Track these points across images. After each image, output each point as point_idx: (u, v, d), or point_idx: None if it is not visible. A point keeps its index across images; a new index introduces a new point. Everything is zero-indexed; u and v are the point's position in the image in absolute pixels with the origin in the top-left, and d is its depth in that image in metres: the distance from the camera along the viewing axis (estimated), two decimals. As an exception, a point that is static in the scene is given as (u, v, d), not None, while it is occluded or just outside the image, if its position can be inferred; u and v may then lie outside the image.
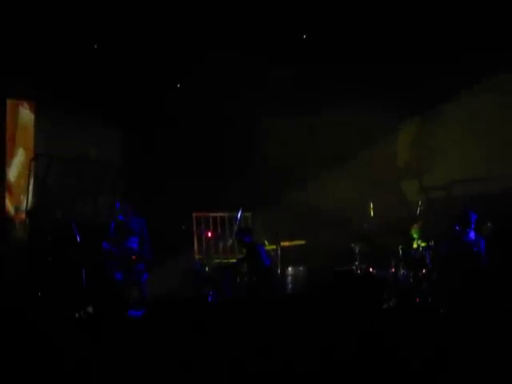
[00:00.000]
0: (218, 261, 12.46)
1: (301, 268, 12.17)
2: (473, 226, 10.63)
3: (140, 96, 12.81)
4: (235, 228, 12.25)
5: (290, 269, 12.10)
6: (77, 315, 9.51)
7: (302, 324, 7.73)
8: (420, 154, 12.91)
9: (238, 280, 11.04)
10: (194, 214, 13.28)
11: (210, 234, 12.87)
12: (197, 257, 13.01)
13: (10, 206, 12.40)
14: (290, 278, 12.03)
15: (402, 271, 11.08)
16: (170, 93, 13.14)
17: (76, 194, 12.23)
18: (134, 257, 11.02)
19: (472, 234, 10.59)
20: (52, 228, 11.52)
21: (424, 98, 12.49)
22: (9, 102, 12.23)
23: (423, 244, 11.18)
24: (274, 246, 12.25)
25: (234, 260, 12.05)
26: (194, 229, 13.24)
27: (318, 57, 12.37)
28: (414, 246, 11.29)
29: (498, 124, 12.33)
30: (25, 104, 12.49)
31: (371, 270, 11.43)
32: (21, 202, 12.42)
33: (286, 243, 12.56)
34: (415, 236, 11.33)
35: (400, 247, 11.25)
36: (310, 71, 12.57)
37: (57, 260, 10.96)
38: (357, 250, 11.59)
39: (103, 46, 12.42)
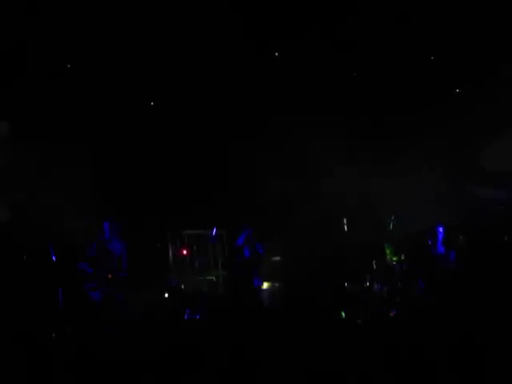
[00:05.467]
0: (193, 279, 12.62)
1: (276, 284, 12.32)
2: (441, 240, 11.06)
3: (109, 114, 12.76)
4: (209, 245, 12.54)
5: (265, 284, 12.19)
6: (53, 335, 9.46)
7: (279, 338, 7.85)
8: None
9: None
10: (168, 233, 13.33)
11: (185, 252, 13.01)
12: (172, 275, 12.97)
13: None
14: (265, 293, 12.14)
15: (376, 285, 11.38)
16: (142, 111, 13.13)
17: (52, 214, 11.95)
18: (109, 275, 11.17)
19: (441, 248, 10.98)
20: (27, 248, 11.61)
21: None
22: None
23: (395, 258, 11.53)
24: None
25: (212, 277, 12.34)
26: (170, 247, 13.27)
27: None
28: (388, 259, 11.64)
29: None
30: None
31: (346, 284, 11.61)
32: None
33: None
34: (387, 251, 11.67)
35: (374, 261, 11.65)
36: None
37: (32, 280, 11.06)
38: (332, 264, 11.86)
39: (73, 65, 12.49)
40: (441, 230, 11.25)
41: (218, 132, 13.13)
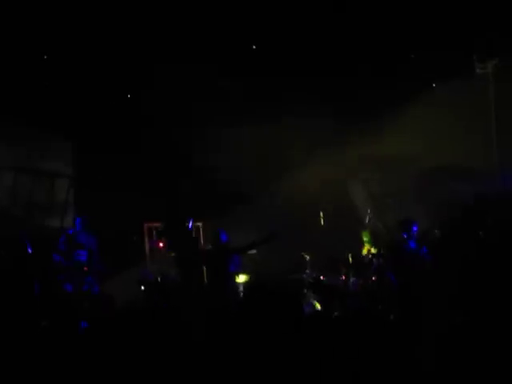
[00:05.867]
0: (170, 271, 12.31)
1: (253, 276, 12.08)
2: (413, 235, 10.95)
3: (90, 107, 12.82)
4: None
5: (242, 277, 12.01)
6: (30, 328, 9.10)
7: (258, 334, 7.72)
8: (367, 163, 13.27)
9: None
10: (145, 225, 13.49)
11: (161, 245, 13.06)
12: (149, 268, 13.08)
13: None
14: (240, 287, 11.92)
15: (352, 279, 11.46)
16: (121, 103, 13.22)
17: (27, 207, 12.30)
18: (85, 268, 11.13)
19: (412, 243, 10.88)
20: (3, 241, 11.49)
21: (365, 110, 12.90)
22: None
23: (373, 250, 11.57)
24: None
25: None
26: (146, 240, 13.44)
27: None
28: (364, 251, 11.70)
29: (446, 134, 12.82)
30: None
31: (322, 277, 11.67)
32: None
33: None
34: (365, 239, 11.70)
35: (350, 254, 11.62)
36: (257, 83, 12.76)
37: (9, 273, 10.91)
38: (307, 258, 11.89)
39: (52, 55, 12.44)
40: (415, 224, 11.11)
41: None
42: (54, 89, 12.64)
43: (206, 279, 11.36)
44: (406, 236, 11.01)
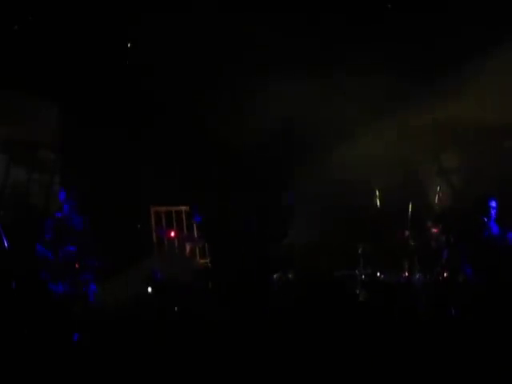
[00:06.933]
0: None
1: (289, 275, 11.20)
2: (494, 216, 10.12)
3: (80, 62, 11.56)
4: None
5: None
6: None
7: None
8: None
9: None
10: (152, 209, 12.52)
11: (173, 234, 12.14)
12: (156, 263, 11.84)
13: None
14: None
15: (417, 275, 10.60)
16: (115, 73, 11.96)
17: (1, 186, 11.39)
18: (76, 264, 10.27)
19: (495, 227, 10.10)
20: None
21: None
22: None
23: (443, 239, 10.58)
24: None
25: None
26: (153, 228, 12.43)
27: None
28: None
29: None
30: None
31: (378, 274, 10.89)
32: None
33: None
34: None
35: (413, 244, 10.72)
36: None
37: None
38: (360, 249, 10.97)
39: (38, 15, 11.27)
40: (494, 204, 10.24)
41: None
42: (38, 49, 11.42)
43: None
44: (486, 219, 10.11)
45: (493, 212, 10.25)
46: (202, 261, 12.16)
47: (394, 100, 11.59)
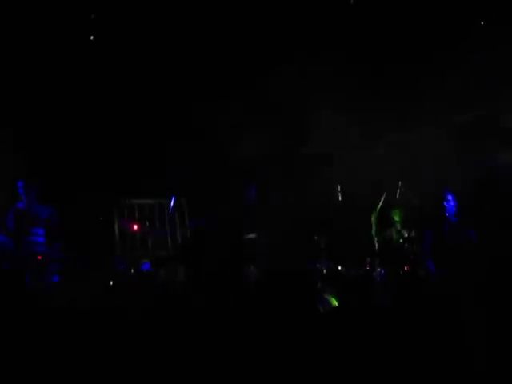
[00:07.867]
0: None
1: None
2: (454, 210, 10.22)
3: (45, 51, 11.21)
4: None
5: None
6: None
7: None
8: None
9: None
10: (115, 202, 12.26)
11: (135, 227, 12.04)
12: (119, 256, 11.88)
13: None
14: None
15: (378, 269, 10.49)
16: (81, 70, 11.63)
17: None
18: (39, 257, 10.00)
19: (455, 221, 10.19)
20: None
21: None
22: None
23: (404, 233, 10.72)
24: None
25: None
26: (116, 220, 12.23)
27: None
28: (394, 235, 10.78)
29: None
30: None
31: (339, 268, 10.76)
32: None
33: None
34: (396, 219, 10.82)
35: (376, 239, 10.74)
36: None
37: None
38: (322, 244, 10.90)
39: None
40: (454, 198, 10.35)
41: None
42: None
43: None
44: (446, 213, 10.22)
45: (452, 206, 10.33)
46: (163, 253, 12.00)
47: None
